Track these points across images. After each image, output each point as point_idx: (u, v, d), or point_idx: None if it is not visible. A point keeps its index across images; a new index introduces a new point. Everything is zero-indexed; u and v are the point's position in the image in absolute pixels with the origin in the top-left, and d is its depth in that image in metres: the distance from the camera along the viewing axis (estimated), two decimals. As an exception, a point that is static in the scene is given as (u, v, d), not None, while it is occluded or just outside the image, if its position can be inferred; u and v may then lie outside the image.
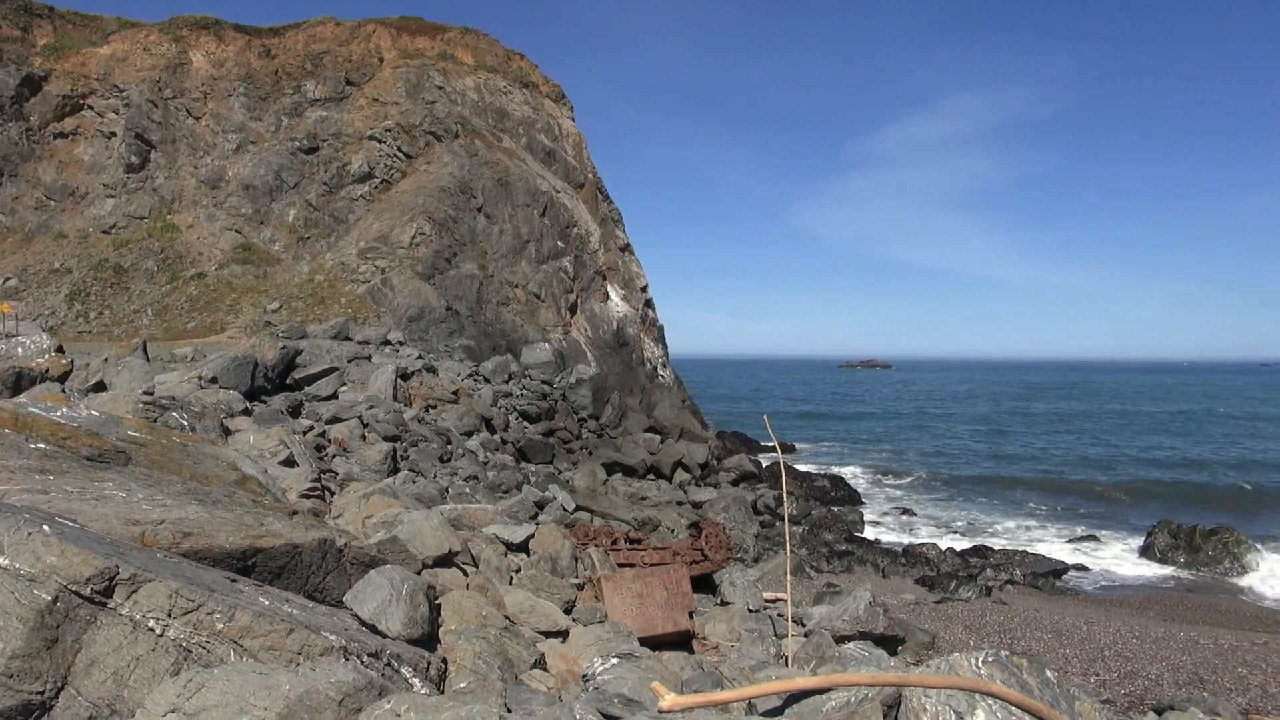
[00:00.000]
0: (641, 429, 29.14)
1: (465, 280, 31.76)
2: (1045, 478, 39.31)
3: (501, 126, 39.69)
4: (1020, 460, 46.26)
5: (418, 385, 22.99)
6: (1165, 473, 41.78)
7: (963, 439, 57.72)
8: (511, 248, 34.39)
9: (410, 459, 17.33)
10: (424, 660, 3.96)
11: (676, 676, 5.28)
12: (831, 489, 32.23)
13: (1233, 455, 48.74)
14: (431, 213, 32.46)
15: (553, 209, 36.75)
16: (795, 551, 21.95)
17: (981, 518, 29.83)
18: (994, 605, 18.07)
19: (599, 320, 36.81)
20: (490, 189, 34.91)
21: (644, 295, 42.27)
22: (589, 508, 19.25)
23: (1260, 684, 12.76)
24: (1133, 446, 53.25)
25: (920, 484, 37.33)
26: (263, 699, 2.79)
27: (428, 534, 6.95)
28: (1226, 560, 22.69)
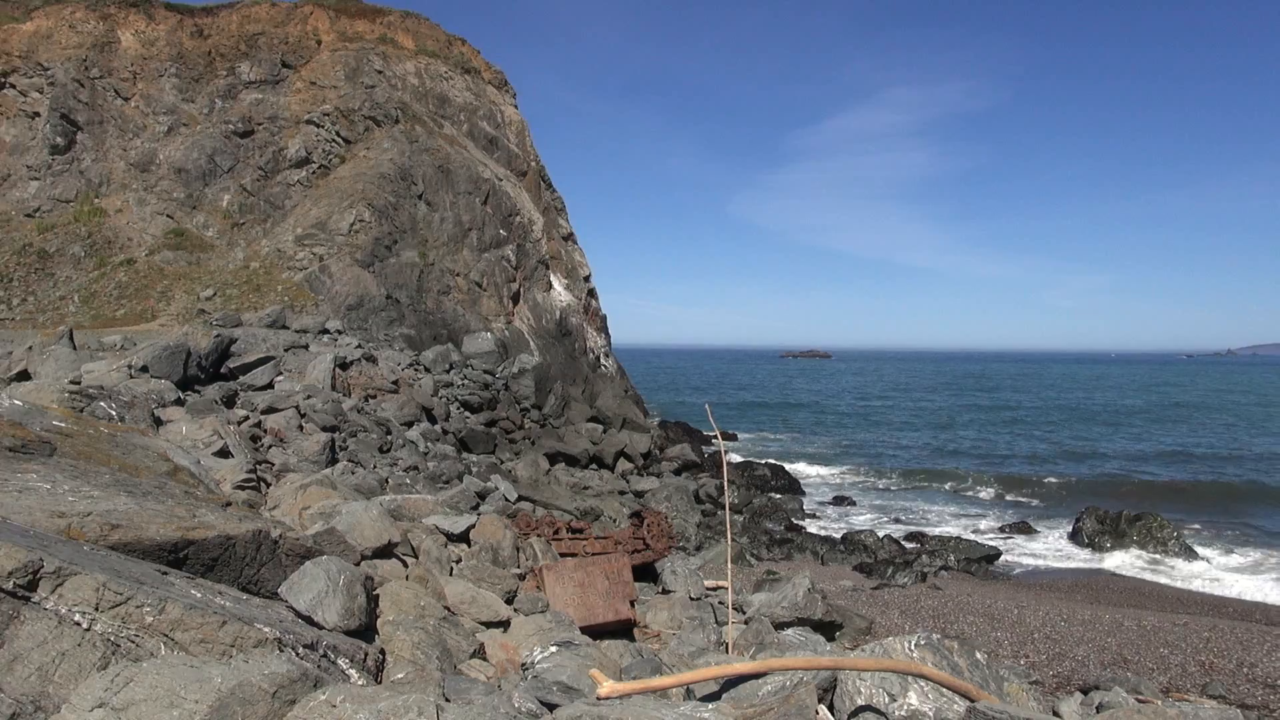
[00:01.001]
0: (584, 419, 29.13)
1: (406, 268, 31.36)
2: (980, 467, 40.22)
3: (443, 113, 39.20)
4: (956, 450, 47.26)
5: (357, 375, 22.67)
6: (1094, 462, 43.06)
7: (901, 429, 58.77)
8: (453, 236, 34.04)
9: (349, 449, 17.10)
10: (361, 651, 3.94)
11: (616, 664, 5.31)
12: (772, 478, 32.58)
13: (1164, 445, 50.39)
14: (371, 199, 31.97)
15: (495, 197, 36.45)
16: (736, 540, 22.17)
17: (918, 506, 30.43)
18: (929, 590, 18.46)
19: (542, 310, 36.65)
20: (431, 176, 34.49)
21: (587, 285, 42.19)
22: (531, 498, 19.20)
23: (1180, 663, 13.25)
24: (1064, 436, 54.77)
25: (859, 473, 37.93)
26: (193, 692, 2.75)
27: (367, 525, 6.88)
28: (1150, 545, 23.47)
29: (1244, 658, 13.55)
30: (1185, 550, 23.20)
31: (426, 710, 2.73)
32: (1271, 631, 15.53)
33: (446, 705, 2.94)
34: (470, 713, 2.85)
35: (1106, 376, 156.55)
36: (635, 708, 3.21)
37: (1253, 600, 19.07)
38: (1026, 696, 5.67)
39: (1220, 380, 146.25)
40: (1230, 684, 12.28)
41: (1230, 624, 16.14)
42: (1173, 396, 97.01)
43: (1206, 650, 13.91)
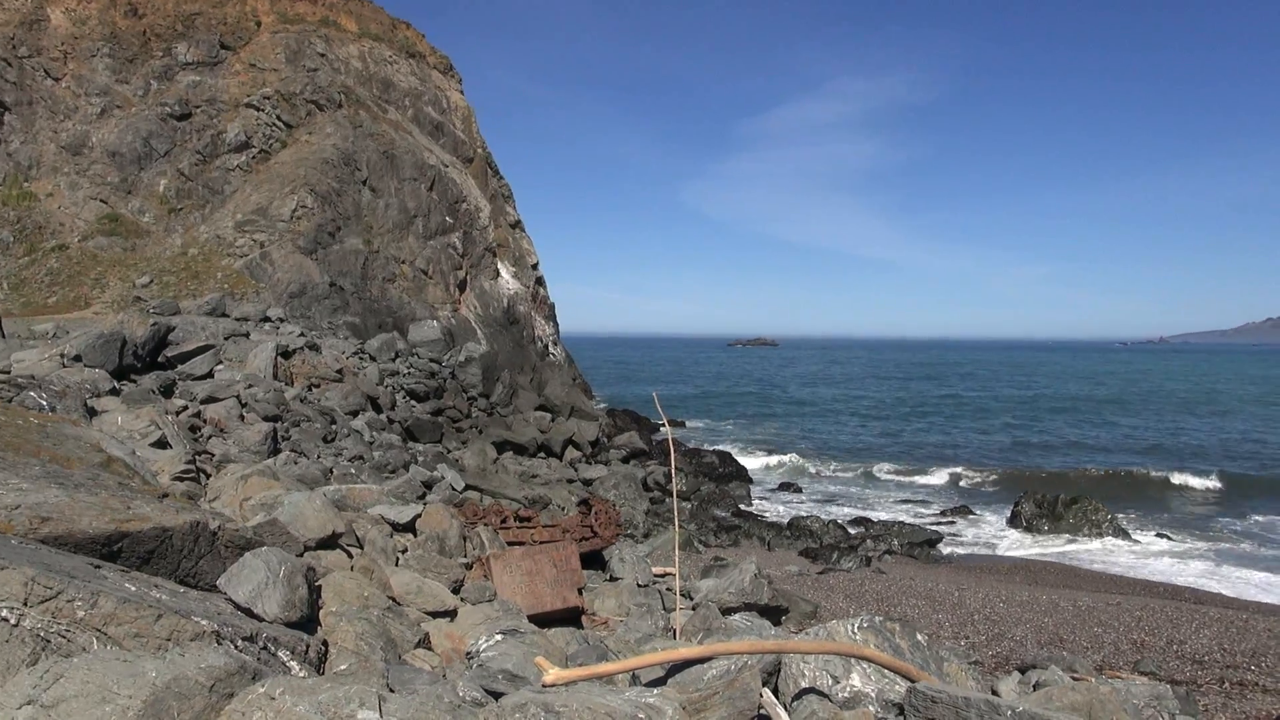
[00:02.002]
0: (532, 407, 29.02)
1: (349, 255, 30.88)
2: (923, 453, 40.95)
3: (387, 97, 38.62)
4: (900, 437, 48.05)
5: (300, 363, 22.30)
6: (1034, 448, 44.09)
7: (847, 416, 59.55)
8: (398, 223, 33.59)
9: (292, 439, 16.84)
10: (302, 643, 3.88)
11: (562, 651, 5.32)
12: (720, 465, 32.81)
13: (1101, 432, 51.76)
14: (314, 185, 31.39)
15: (441, 183, 36.03)
16: (684, 526, 22.30)
17: (863, 492, 30.90)
18: (873, 574, 18.77)
19: (489, 298, 36.38)
20: (375, 162, 33.97)
21: (535, 273, 41.98)
22: (479, 487, 19.10)
23: (1113, 641, 13.66)
24: (1005, 423, 55.98)
25: (806, 460, 38.36)
26: (127, 687, 2.68)
27: (310, 515, 6.78)
28: (1086, 527, 24.12)
29: (1173, 635, 14.01)
30: (1119, 533, 23.89)
31: (368, 700, 2.71)
32: (1199, 610, 16.08)
33: (390, 695, 2.92)
34: (414, 702, 2.83)
35: (1046, 364, 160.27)
36: (580, 694, 3.22)
37: (1182, 581, 19.71)
38: (966, 676, 5.79)
39: (1156, 367, 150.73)
40: (1160, 661, 12.68)
41: (1161, 603, 16.67)
42: (1110, 384, 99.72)
43: (1138, 629, 14.36)
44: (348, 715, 2.65)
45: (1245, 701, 11.06)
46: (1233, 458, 39.95)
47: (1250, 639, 13.85)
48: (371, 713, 2.66)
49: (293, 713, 2.64)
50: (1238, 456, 40.48)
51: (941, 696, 4.15)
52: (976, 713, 4.00)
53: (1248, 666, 12.61)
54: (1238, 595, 18.43)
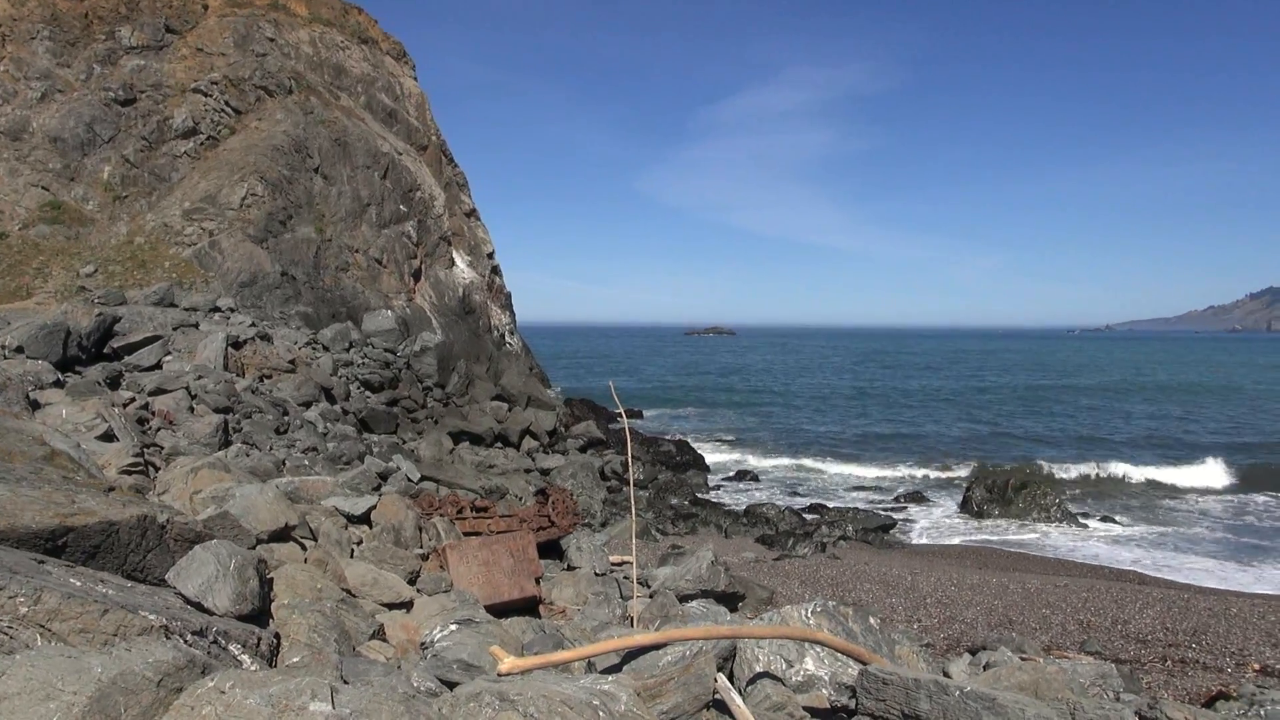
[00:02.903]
0: (489, 397, 28.86)
1: (301, 244, 30.41)
2: (877, 440, 41.47)
3: (339, 84, 38.02)
4: (855, 424, 48.58)
5: (251, 354, 21.95)
6: (985, 435, 44.85)
7: (803, 404, 60.06)
8: (351, 211, 33.14)
9: (243, 431, 16.59)
10: (254, 636, 3.83)
11: (517, 640, 5.32)
12: (677, 454, 32.93)
13: (1050, 419, 52.76)
14: (264, 172, 30.83)
15: (395, 171, 35.60)
16: (641, 515, 22.36)
17: (818, 479, 31.21)
18: (828, 560, 19.00)
19: (444, 287, 36.07)
20: (327, 149, 33.45)
21: (490, 261, 41.68)
22: (435, 477, 18.97)
23: (1060, 623, 13.97)
24: (957, 409, 56.85)
25: (763, 448, 38.65)
26: (71, 683, 2.63)
27: (262, 508, 6.70)
28: (1035, 512, 24.62)
29: (1118, 615, 14.37)
30: (1067, 516, 24.42)
31: (321, 692, 2.68)
32: (1143, 591, 16.51)
33: (343, 687, 2.90)
34: (367, 693, 2.81)
35: (999, 352, 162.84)
36: (536, 682, 3.22)
37: (1127, 563, 20.22)
38: (917, 658, 5.90)
39: (1102, 355, 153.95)
40: (1106, 640, 13.01)
41: (1106, 584, 17.08)
42: (1062, 371, 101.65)
43: (1085, 610, 14.70)
44: (299, 707, 2.63)
45: (1186, 679, 11.39)
46: (1177, 445, 41.01)
47: (1191, 618, 14.25)
48: (324, 704, 2.64)
49: (243, 706, 2.61)
50: (1181, 445, 41.56)
51: (892, 678, 4.22)
52: (926, 693, 4.07)
53: (1189, 645, 12.97)
54: (1180, 577, 18.94)
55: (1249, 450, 37.51)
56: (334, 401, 21.80)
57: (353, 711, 2.63)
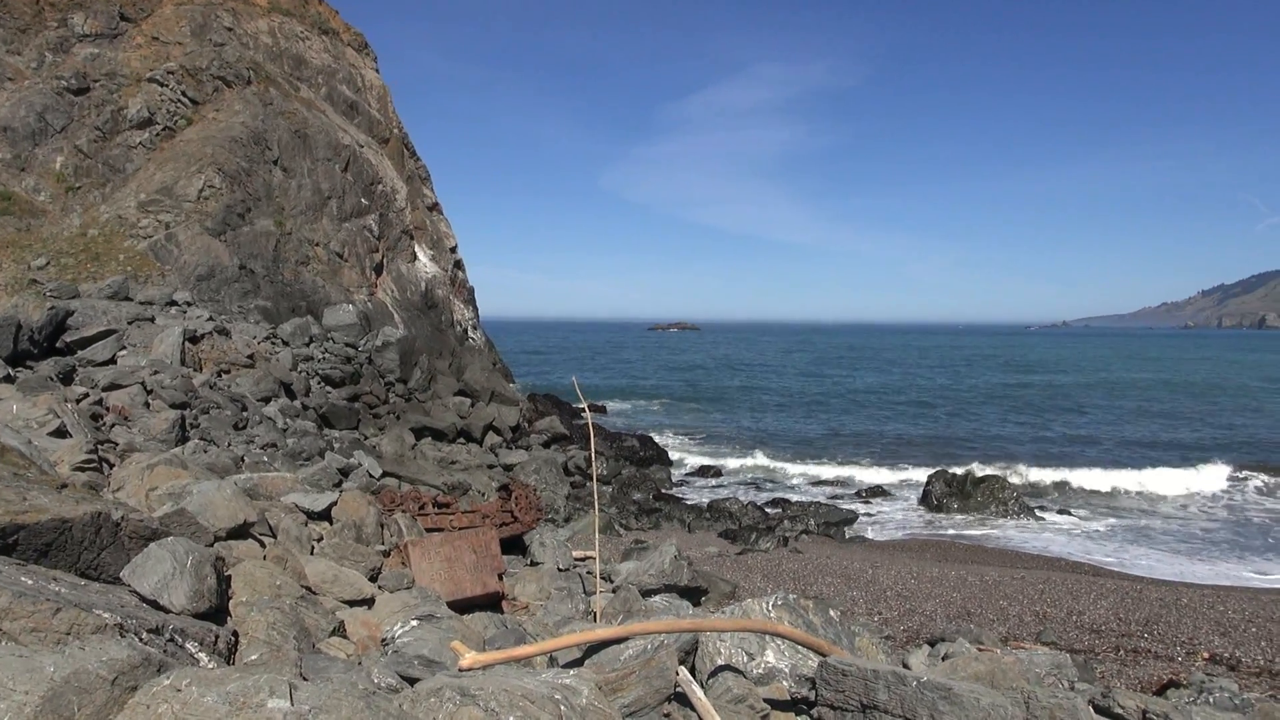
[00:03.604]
0: (451, 392, 28.69)
1: (260, 237, 29.99)
2: (839, 435, 41.83)
3: (299, 75, 37.51)
4: (817, 419, 48.96)
5: (209, 349, 21.62)
6: (945, 429, 45.41)
7: (766, 400, 60.40)
8: (311, 204, 32.73)
9: (201, 427, 16.34)
10: (211, 634, 3.79)
11: (479, 635, 5.30)
12: (641, 449, 32.97)
13: (1008, 414, 53.52)
14: (222, 164, 30.35)
15: (356, 164, 35.22)
16: (605, 510, 22.38)
17: (781, 474, 31.41)
18: (790, 554, 19.14)
19: (406, 281, 35.78)
20: (287, 141, 33.01)
21: (453, 256, 41.41)
22: (396, 473, 18.83)
23: (1017, 614, 14.22)
24: (916, 404, 57.50)
25: (726, 443, 38.82)
26: (23, 683, 2.59)
27: (220, 505, 6.61)
28: (993, 505, 24.99)
29: (1073, 606, 14.65)
30: (1025, 510, 24.81)
31: (279, 689, 2.66)
32: (1097, 582, 16.83)
33: (302, 683, 2.87)
34: (326, 690, 2.79)
35: (962, 349, 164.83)
36: (497, 677, 3.22)
37: (1082, 556, 20.60)
38: (876, 650, 5.97)
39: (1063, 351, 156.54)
40: (1061, 631, 13.26)
41: (1062, 576, 17.40)
42: (1023, 367, 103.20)
43: (1041, 601, 14.96)
44: (257, 704, 2.60)
45: (1139, 668, 11.64)
46: (1136, 442, 41.81)
47: (1144, 608, 14.57)
48: (282, 701, 2.62)
49: (200, 704, 2.58)
50: (1140, 442, 42.38)
51: (851, 669, 4.27)
52: (884, 684, 4.13)
53: (1141, 634, 13.27)
54: (1133, 569, 19.34)
55: (1205, 448, 38.35)
56: (294, 397, 21.56)
57: (312, 708, 2.62)
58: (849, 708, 4.25)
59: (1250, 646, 12.63)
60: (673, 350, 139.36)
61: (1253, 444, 39.15)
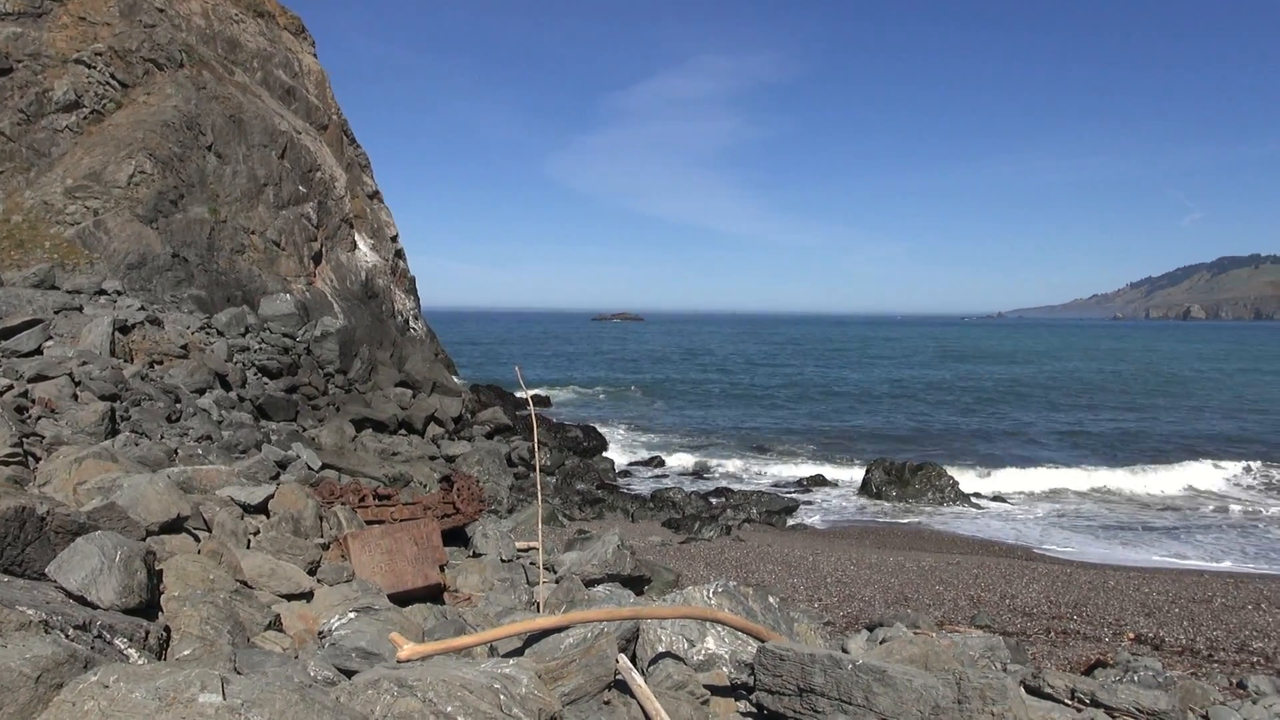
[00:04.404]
0: (392, 383, 28.36)
1: (194, 225, 29.26)
2: (781, 425, 42.28)
3: (233, 58, 36.62)
4: (759, 409, 49.41)
5: (140, 339, 21.07)
6: (883, 418, 46.16)
7: (710, 389, 60.76)
8: (247, 191, 32.02)
9: (132, 419, 15.93)
10: (141, 630, 3.71)
11: (419, 627, 5.27)
12: (585, 439, 32.96)
13: (945, 403, 54.59)
14: (153, 149, 29.53)
15: (293, 151, 34.54)
16: (548, 501, 22.34)
17: (724, 463, 31.65)
18: (733, 542, 19.33)
19: (346, 271, 35.23)
20: (222, 126, 32.22)
21: (394, 245, 40.89)
22: (336, 465, 18.57)
23: (953, 598, 14.54)
24: (857, 392, 58.37)
25: (670, 432, 39.00)
26: (-58, 682, 2.51)
27: (152, 498, 6.46)
28: (930, 492, 25.50)
29: (1006, 590, 15.03)
30: (960, 497, 25.36)
31: (210, 683, 2.62)
32: (1030, 567, 17.29)
33: (235, 677, 2.83)
34: (260, 683, 2.75)
35: (902, 339, 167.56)
36: (436, 668, 3.21)
37: (1015, 539, 21.14)
38: (814, 635, 6.07)
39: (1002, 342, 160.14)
40: (995, 614, 13.60)
41: (996, 561, 17.84)
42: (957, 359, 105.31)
43: (975, 585, 15.33)
44: (188, 699, 2.56)
45: (1068, 648, 12.00)
46: (1070, 432, 42.96)
47: (1074, 591, 15.02)
48: (214, 695, 2.58)
49: (128, 700, 2.53)
50: (1074, 432, 43.55)
51: (789, 654, 4.34)
52: (820, 668, 4.20)
53: (1071, 616, 13.67)
54: (1064, 553, 19.90)
55: (1135, 437, 39.57)
56: (229, 388, 21.12)
57: (244, 702, 2.58)
58: (786, 692, 4.32)
59: (1173, 626, 13.10)
60: (617, 341, 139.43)
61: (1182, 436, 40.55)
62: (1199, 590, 15.22)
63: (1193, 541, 21.20)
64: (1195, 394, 59.95)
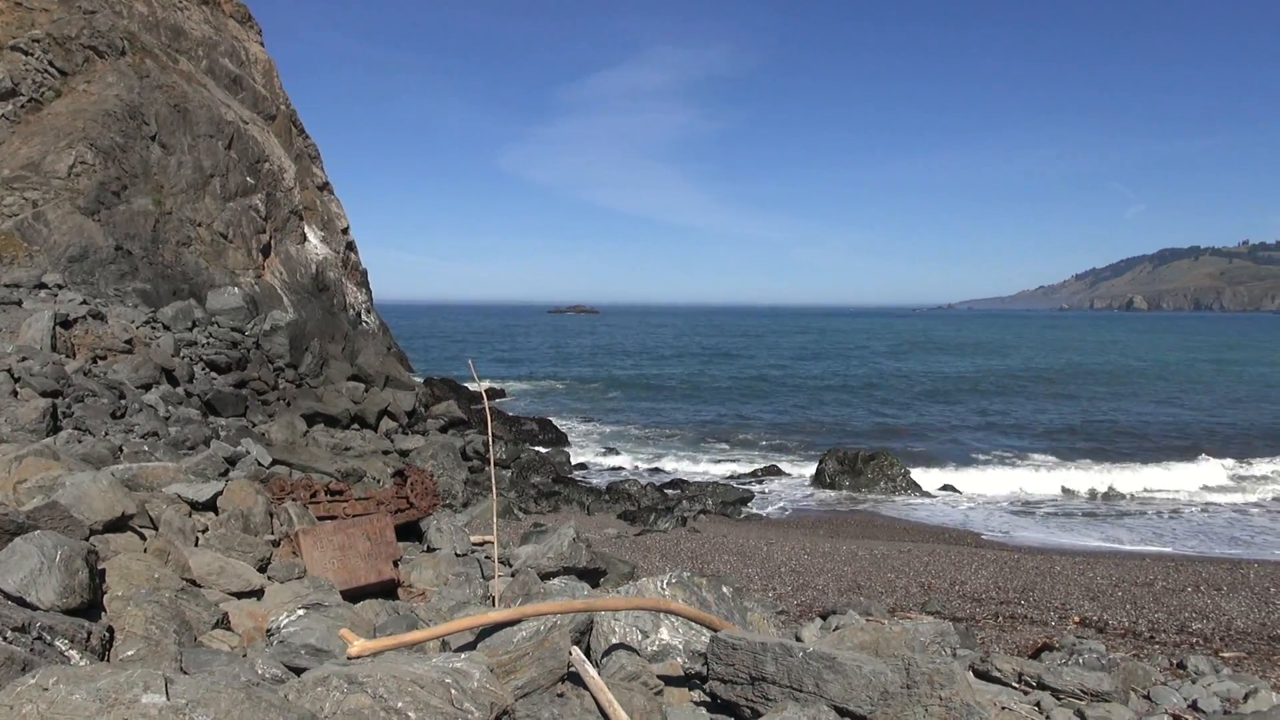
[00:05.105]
0: (344, 377, 28.01)
1: (138, 217, 28.60)
2: (736, 417, 42.53)
3: (177, 46, 35.82)
4: (714, 401, 49.65)
5: (83, 334, 20.58)
6: (836, 410, 46.67)
7: (664, 382, 60.90)
8: (193, 182, 31.37)
9: (75, 416, 15.57)
10: (83, 630, 3.64)
11: (370, 623, 5.23)
12: (540, 432, 32.86)
13: (896, 394, 55.30)
14: (94, 139, 28.79)
15: (240, 141, 33.90)
16: (504, 494, 22.26)
17: (679, 455, 31.77)
18: (688, 533, 19.42)
19: (296, 263, 34.69)
20: (166, 116, 31.51)
21: (345, 237, 40.35)
22: (287, 461, 18.30)
23: (904, 586, 14.77)
24: (808, 384, 58.93)
25: (626, 425, 39.04)
26: None
27: (96, 496, 6.31)
28: (883, 481, 25.83)
29: (956, 577, 15.29)
30: (912, 485, 25.74)
31: (154, 684, 2.57)
32: (978, 553, 17.62)
33: (180, 677, 2.78)
34: (205, 683, 2.71)
35: (854, 331, 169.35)
36: (386, 664, 3.19)
37: (965, 527, 21.52)
38: (768, 624, 6.13)
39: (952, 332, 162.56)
40: (945, 600, 13.83)
41: (946, 548, 18.14)
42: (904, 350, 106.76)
43: (926, 572, 15.58)
44: (130, 700, 2.51)
45: (1016, 633, 12.25)
46: (1016, 421, 43.77)
47: (1021, 577, 15.33)
48: (157, 696, 2.54)
49: (68, 702, 2.48)
50: (1022, 421, 44.37)
51: (741, 643, 4.38)
52: (772, 656, 4.25)
53: (1018, 601, 13.96)
54: (1012, 539, 20.30)
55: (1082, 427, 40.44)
56: (176, 384, 20.71)
57: (189, 701, 2.54)
58: (739, 680, 4.36)
59: (1117, 610, 13.44)
60: (572, 333, 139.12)
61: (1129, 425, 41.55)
62: (1141, 574, 15.63)
63: (1135, 526, 21.75)
64: (1138, 383, 61.45)
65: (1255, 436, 35.93)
